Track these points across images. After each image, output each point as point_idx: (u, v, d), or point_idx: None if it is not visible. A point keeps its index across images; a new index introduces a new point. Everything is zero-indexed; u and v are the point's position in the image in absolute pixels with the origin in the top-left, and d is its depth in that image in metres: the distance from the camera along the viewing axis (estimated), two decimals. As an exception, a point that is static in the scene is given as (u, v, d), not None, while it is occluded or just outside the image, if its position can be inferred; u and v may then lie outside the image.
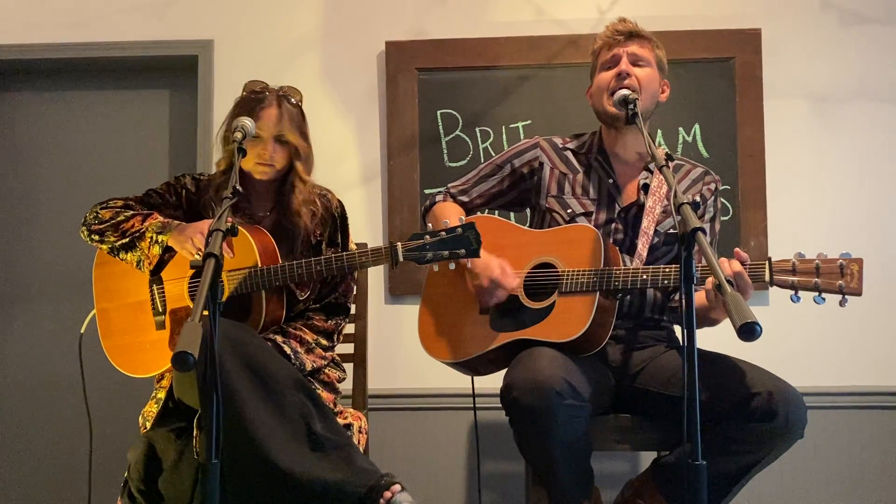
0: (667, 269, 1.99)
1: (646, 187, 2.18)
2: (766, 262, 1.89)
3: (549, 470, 1.97)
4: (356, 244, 2.39)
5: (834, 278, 1.85)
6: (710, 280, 1.87)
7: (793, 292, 1.88)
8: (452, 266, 2.01)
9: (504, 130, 3.06)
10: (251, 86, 2.24)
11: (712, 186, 2.24)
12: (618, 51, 2.16)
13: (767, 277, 1.89)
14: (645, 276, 2.00)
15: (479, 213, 2.38)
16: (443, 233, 1.96)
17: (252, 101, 2.18)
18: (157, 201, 2.29)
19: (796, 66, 3.04)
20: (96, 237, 2.25)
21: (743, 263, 1.88)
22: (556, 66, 3.05)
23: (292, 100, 2.23)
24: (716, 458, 1.51)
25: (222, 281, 2.11)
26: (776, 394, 1.88)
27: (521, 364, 1.94)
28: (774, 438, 1.90)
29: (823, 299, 1.87)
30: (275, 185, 2.27)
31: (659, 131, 3.01)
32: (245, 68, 3.09)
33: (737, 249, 1.91)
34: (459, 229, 1.96)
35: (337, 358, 2.32)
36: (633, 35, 2.17)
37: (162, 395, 2.16)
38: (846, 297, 1.86)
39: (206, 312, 1.41)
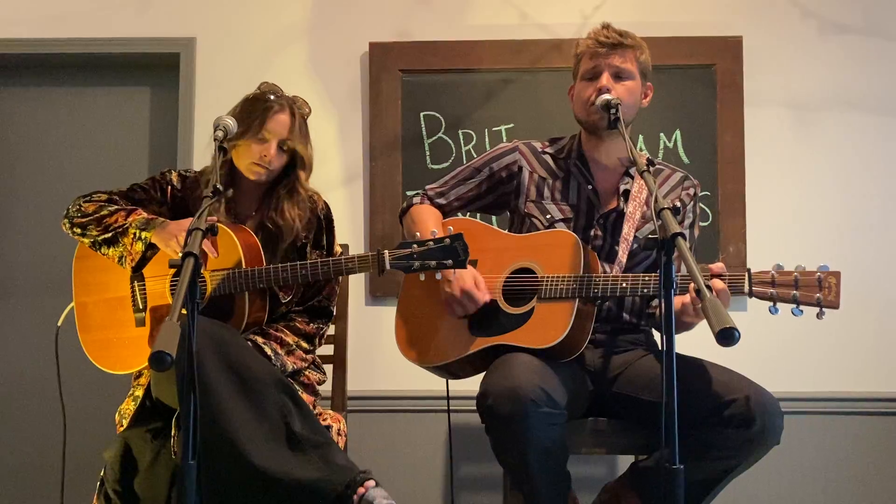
0: (646, 278, 2.00)
1: (626, 193, 2.18)
2: (746, 274, 1.91)
3: (525, 476, 1.97)
4: (342, 253, 2.38)
5: (812, 291, 1.87)
6: (692, 286, 1.88)
7: (771, 304, 1.90)
8: (438, 276, 2.00)
9: (487, 133, 3.07)
10: (267, 86, 2.25)
11: (691, 192, 2.25)
12: (599, 63, 2.13)
13: (747, 289, 1.90)
14: (625, 285, 2.00)
15: (458, 216, 2.37)
16: (430, 242, 1.95)
17: (265, 100, 2.19)
18: (142, 196, 2.28)
19: (776, 73, 3.07)
20: (78, 230, 2.23)
21: (721, 276, 1.89)
22: (539, 69, 3.06)
23: (304, 110, 2.26)
24: (692, 463, 1.52)
25: (203, 280, 2.11)
26: (753, 400, 1.89)
27: (497, 371, 1.94)
28: (751, 445, 1.91)
29: (801, 311, 1.89)
30: (263, 187, 2.26)
31: (640, 137, 3.02)
32: (227, 67, 3.08)
33: (710, 267, 1.91)
34: (448, 240, 1.94)
35: (317, 360, 2.32)
36: (616, 46, 2.14)
37: (140, 392, 2.14)
38: (824, 309, 1.87)
39: (185, 311, 1.40)
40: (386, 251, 1.99)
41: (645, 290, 2.00)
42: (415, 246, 1.96)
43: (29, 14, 3.14)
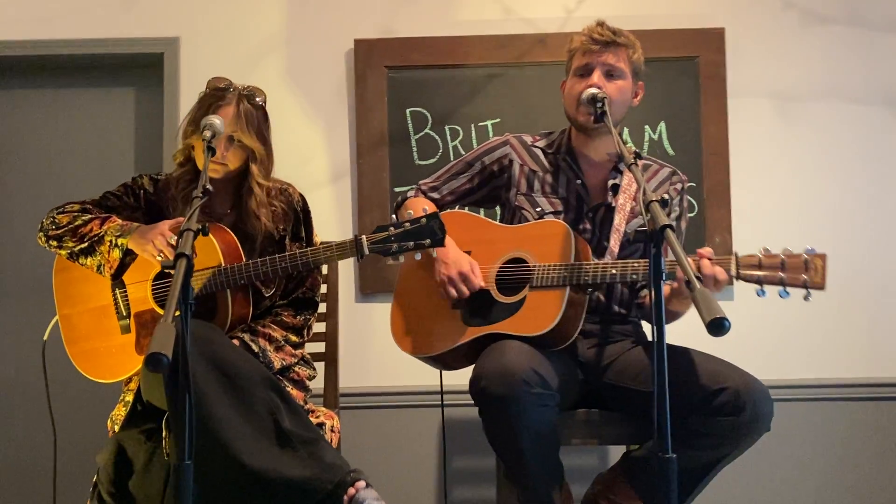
0: (636, 265, 2.02)
1: (615, 188, 2.20)
2: (733, 257, 1.93)
3: (518, 461, 1.99)
4: (324, 243, 2.38)
5: (798, 273, 1.89)
6: (679, 275, 1.89)
7: (758, 287, 1.92)
8: (418, 257, 2.00)
9: (473, 128, 3.07)
10: (214, 82, 2.22)
11: (679, 186, 2.27)
12: (591, 60, 2.15)
13: (734, 272, 1.92)
14: (615, 271, 2.02)
15: (450, 209, 2.39)
16: (407, 224, 1.96)
17: (213, 97, 2.17)
18: (115, 203, 2.27)
19: (759, 64, 3.09)
20: (54, 243, 2.22)
21: (709, 260, 1.91)
22: (524, 64, 3.07)
23: (255, 99, 2.20)
24: (684, 452, 1.54)
25: (191, 281, 2.10)
26: (743, 388, 1.91)
27: (490, 355, 1.96)
28: (742, 432, 1.94)
29: (788, 293, 1.91)
30: (234, 184, 2.25)
31: (626, 129, 3.04)
32: (212, 65, 3.06)
33: (700, 251, 1.93)
34: (424, 219, 1.95)
35: (307, 356, 2.32)
36: (609, 44, 2.15)
37: (130, 397, 2.14)
38: (810, 291, 1.90)
39: (177, 313, 1.40)
40: (363, 236, 1.99)
41: (634, 276, 2.01)
42: (391, 228, 1.96)
43: (11, 16, 3.11)
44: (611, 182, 2.21)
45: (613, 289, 2.20)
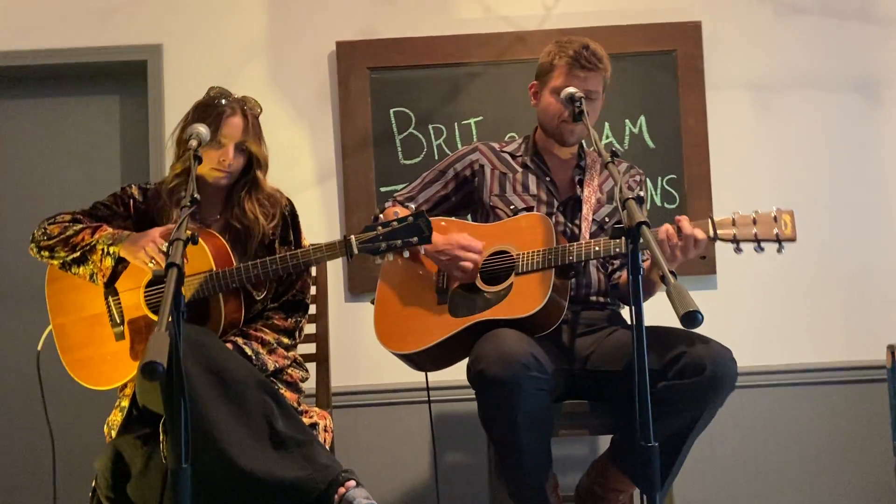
0: (617, 241, 2.07)
1: (580, 182, 2.30)
2: (709, 219, 2.02)
3: (512, 445, 2.03)
4: (312, 245, 2.41)
5: (770, 227, 1.99)
6: (667, 227, 2.00)
7: (734, 245, 2.00)
8: (406, 255, 2.04)
9: (457, 127, 3.11)
10: (217, 90, 2.26)
11: (637, 178, 2.39)
12: (574, 86, 2.18)
13: (711, 233, 2.01)
14: (598, 248, 2.09)
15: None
16: (394, 222, 2.00)
17: (215, 106, 2.20)
18: (105, 213, 2.30)
19: (736, 57, 3.14)
20: (46, 253, 2.25)
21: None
22: (504, 62, 3.10)
23: (256, 109, 2.27)
24: (658, 422, 1.59)
25: (182, 288, 2.13)
26: (703, 350, 1.99)
27: (488, 340, 2.01)
28: (706, 392, 1.99)
29: (762, 248, 1.99)
30: (225, 190, 2.29)
31: (606, 124, 3.09)
32: (196, 72, 3.08)
33: (677, 217, 2.02)
34: (411, 217, 1.99)
35: (299, 358, 2.35)
36: (592, 70, 2.22)
37: (125, 403, 2.16)
38: (783, 244, 1.99)
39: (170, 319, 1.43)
40: (353, 236, 2.03)
41: (617, 250, 2.08)
42: (379, 228, 2.00)
43: (-7, 28, 3.13)
44: (577, 177, 2.32)
45: (591, 277, 2.27)
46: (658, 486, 1.54)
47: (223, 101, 2.21)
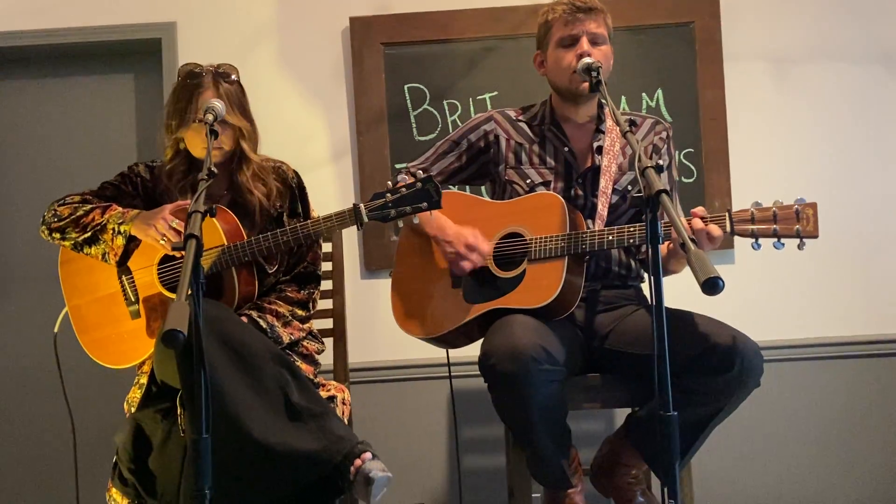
0: (632, 229, 2.05)
1: (599, 149, 2.23)
2: (727, 214, 1.97)
3: (527, 433, 2.04)
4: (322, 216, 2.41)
5: (791, 223, 1.92)
6: (674, 236, 1.93)
7: (753, 240, 1.96)
8: (416, 220, 2.02)
9: (471, 102, 3.09)
10: (185, 69, 2.22)
11: (664, 135, 2.30)
12: (576, 29, 2.16)
13: (728, 228, 1.96)
14: (612, 237, 2.06)
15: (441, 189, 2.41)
16: (403, 189, 1.99)
17: (190, 86, 2.17)
18: (113, 193, 2.30)
19: (754, 28, 3.09)
20: (57, 235, 2.26)
21: (703, 219, 1.95)
22: (519, 36, 3.07)
23: (231, 77, 2.21)
24: (679, 410, 1.58)
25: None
26: (732, 346, 1.96)
27: (498, 332, 2.00)
28: (733, 388, 1.99)
29: (783, 244, 1.95)
30: (228, 166, 2.27)
31: (623, 97, 3.06)
32: (209, 49, 3.07)
33: (693, 211, 1.98)
34: (419, 183, 1.98)
35: (315, 330, 2.35)
36: (590, 11, 2.17)
37: (144, 380, 2.18)
38: (804, 240, 1.93)
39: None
40: (362, 204, 2.02)
41: (631, 241, 2.05)
42: (388, 195, 1.99)
43: (5, 8, 3.12)
44: (595, 144, 2.24)
45: (611, 254, 2.23)
46: (678, 455, 1.53)
47: (193, 80, 2.17)
